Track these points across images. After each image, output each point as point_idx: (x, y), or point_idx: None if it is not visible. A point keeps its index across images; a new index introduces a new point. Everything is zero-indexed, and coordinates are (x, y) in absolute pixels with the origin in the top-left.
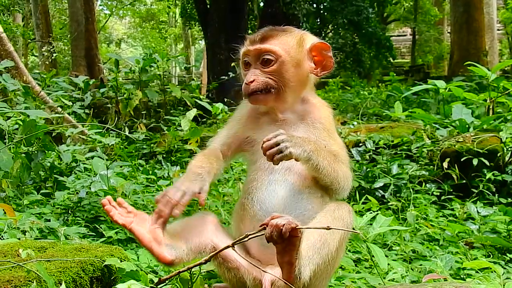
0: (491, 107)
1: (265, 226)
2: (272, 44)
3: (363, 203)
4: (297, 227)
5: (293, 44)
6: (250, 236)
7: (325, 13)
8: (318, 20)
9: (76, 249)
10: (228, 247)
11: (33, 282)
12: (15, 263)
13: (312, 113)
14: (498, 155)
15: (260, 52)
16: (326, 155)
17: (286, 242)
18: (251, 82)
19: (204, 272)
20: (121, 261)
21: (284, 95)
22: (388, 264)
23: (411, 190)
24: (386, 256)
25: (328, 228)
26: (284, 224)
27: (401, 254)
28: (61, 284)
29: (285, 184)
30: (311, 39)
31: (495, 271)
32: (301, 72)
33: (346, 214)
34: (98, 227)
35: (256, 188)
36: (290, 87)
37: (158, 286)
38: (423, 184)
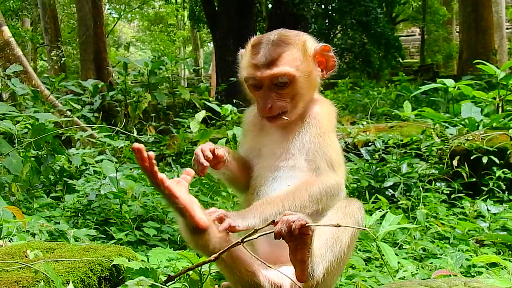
0: (500, 105)
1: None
2: (284, 66)
3: (373, 202)
4: (307, 225)
5: (300, 57)
6: (260, 234)
7: (334, 14)
8: (327, 21)
9: (84, 249)
10: (237, 243)
11: (40, 283)
12: (23, 264)
13: (311, 110)
14: (508, 153)
15: (273, 78)
16: (281, 203)
17: (297, 240)
18: (270, 108)
19: (214, 272)
20: (129, 261)
21: (299, 109)
22: (398, 262)
23: (421, 188)
24: (396, 254)
25: (338, 226)
26: (294, 221)
27: (411, 253)
28: (69, 284)
29: (291, 180)
30: (311, 43)
31: (505, 268)
32: (312, 81)
33: (357, 211)
34: (108, 230)
35: (261, 184)
36: (304, 100)
37: (167, 284)
38: (433, 182)
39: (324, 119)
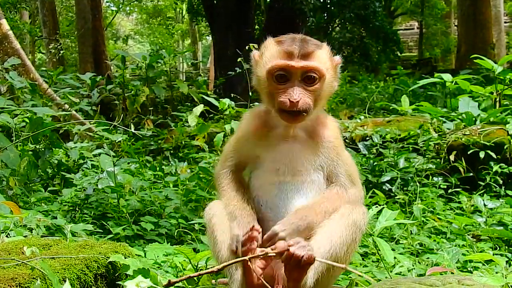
0: (497, 99)
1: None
2: (317, 62)
3: (370, 196)
4: (316, 259)
5: (328, 60)
6: (269, 253)
7: (332, 8)
8: (325, 14)
9: (81, 246)
10: (243, 259)
11: (37, 280)
12: (19, 261)
13: (321, 131)
14: (505, 147)
15: (305, 70)
16: (322, 208)
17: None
18: (298, 101)
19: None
20: (125, 258)
21: (314, 114)
22: (395, 257)
23: (418, 183)
24: (393, 249)
25: (345, 269)
26: (303, 256)
27: (408, 248)
28: (65, 282)
29: (295, 188)
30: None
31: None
32: (332, 88)
33: (360, 218)
34: (105, 224)
35: (264, 191)
36: (321, 105)
37: None
38: (430, 177)
39: (336, 140)
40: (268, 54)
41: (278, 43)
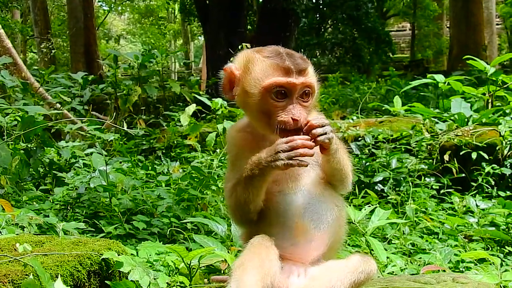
0: (490, 101)
1: None
2: (311, 78)
3: (363, 197)
4: None
5: (315, 75)
6: None
7: (325, 8)
8: (317, 15)
9: (74, 243)
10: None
11: (30, 276)
12: (12, 257)
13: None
14: (497, 148)
15: (303, 86)
16: (342, 147)
17: None
18: (300, 119)
19: (204, 266)
20: (118, 255)
21: None
22: (387, 257)
23: (410, 184)
24: (385, 249)
25: None
26: None
27: (401, 248)
28: (57, 278)
29: (301, 190)
30: None
31: (493, 263)
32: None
33: (363, 278)
34: (97, 223)
35: (273, 202)
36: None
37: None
38: (422, 178)
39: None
40: (259, 70)
41: (267, 57)
